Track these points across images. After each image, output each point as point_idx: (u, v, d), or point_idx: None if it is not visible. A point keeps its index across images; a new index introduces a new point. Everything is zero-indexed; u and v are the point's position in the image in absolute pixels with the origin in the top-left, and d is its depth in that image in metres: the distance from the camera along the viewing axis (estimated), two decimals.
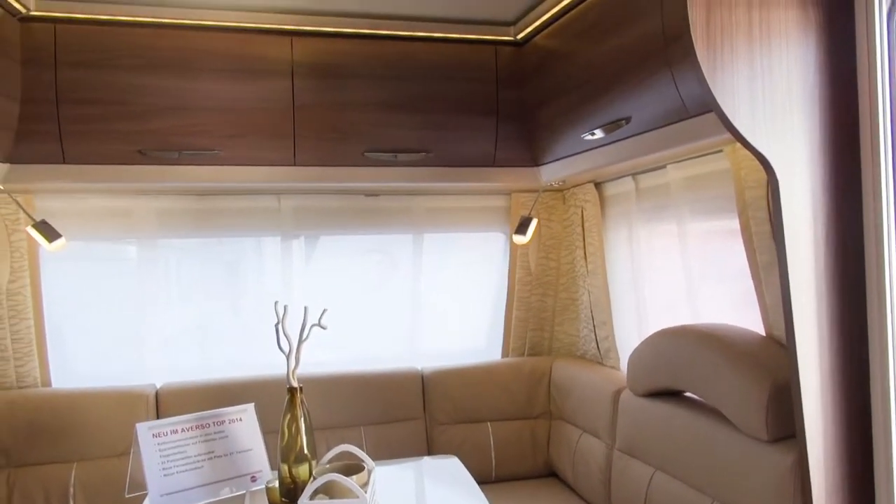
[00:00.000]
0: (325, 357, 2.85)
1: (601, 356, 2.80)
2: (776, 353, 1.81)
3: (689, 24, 1.37)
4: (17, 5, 2.08)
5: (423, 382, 2.85)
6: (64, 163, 2.21)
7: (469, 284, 3.13)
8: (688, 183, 2.24)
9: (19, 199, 2.54)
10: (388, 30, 2.45)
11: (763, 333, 1.93)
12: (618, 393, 2.41)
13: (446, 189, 2.86)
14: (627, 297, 2.67)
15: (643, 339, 2.26)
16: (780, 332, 1.86)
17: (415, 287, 3.07)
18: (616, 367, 2.71)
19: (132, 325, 2.80)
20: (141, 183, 2.29)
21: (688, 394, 2.11)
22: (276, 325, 1.99)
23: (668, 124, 1.86)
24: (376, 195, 2.92)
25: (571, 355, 3.05)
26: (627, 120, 1.98)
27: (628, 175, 2.54)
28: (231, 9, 2.31)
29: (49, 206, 2.64)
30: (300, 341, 2.01)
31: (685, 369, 1.99)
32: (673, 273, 2.40)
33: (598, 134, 2.14)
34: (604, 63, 2.06)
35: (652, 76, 1.83)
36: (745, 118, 1.42)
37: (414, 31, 2.48)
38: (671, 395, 2.14)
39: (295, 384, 2.01)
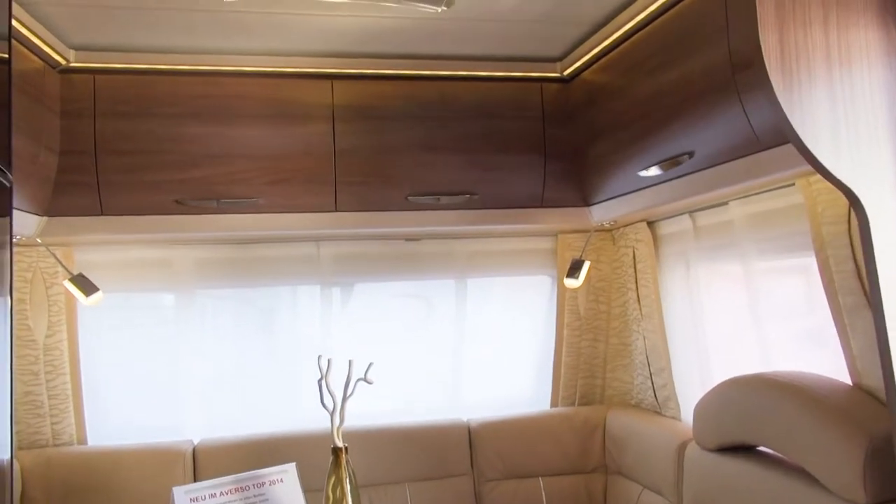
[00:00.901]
0: (365, 408, 2.72)
1: (659, 405, 2.63)
2: (869, 405, 1.64)
3: (760, 48, 1.25)
4: (56, 57, 2.06)
5: (470, 435, 2.70)
6: (102, 214, 2.16)
7: (514, 330, 3.00)
8: (754, 219, 2.09)
9: (58, 252, 2.50)
10: (429, 69, 2.39)
11: (850, 383, 1.76)
12: (683, 446, 2.24)
13: (490, 232, 2.76)
14: (686, 342, 2.51)
15: (706, 386, 2.10)
16: (871, 382, 1.69)
17: (457, 334, 2.95)
18: (677, 418, 2.54)
19: (169, 378, 2.72)
20: (179, 233, 2.23)
21: (763, 448, 1.94)
22: (320, 381, 1.88)
23: (737, 158, 1.74)
24: (417, 239, 2.83)
25: (626, 404, 2.88)
26: (690, 154, 1.86)
27: (684, 213, 2.40)
28: (270, 53, 2.27)
29: (88, 258, 2.59)
30: (345, 397, 1.90)
31: (762, 422, 1.82)
32: (737, 316, 2.24)
33: (655, 171, 2.02)
34: (661, 96, 1.96)
35: (718, 107, 1.71)
36: (827, 148, 1.28)
37: (455, 71, 2.41)
38: (744, 449, 1.97)
39: (340, 444, 1.89)
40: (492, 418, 2.73)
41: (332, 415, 1.89)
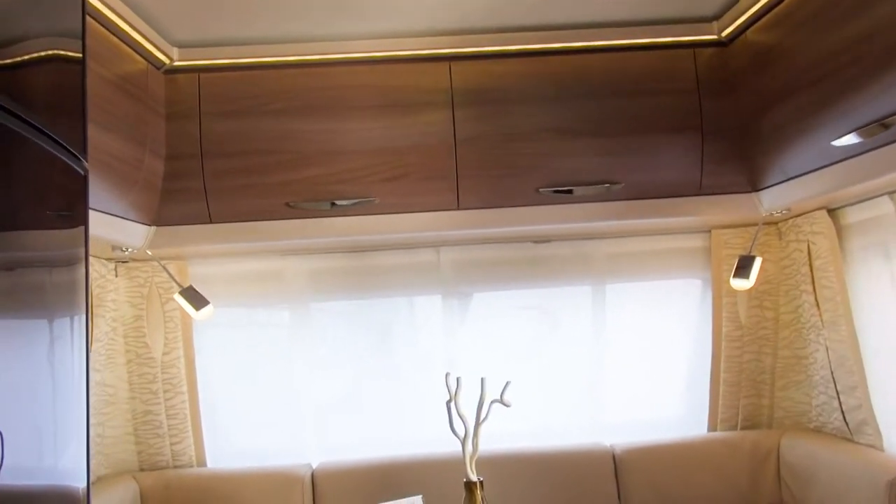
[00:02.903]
0: (493, 429, 2.46)
1: (851, 430, 2.16)
2: None
3: None
4: (161, 56, 1.94)
5: (616, 462, 2.36)
6: (210, 222, 2.02)
7: (661, 342, 2.61)
8: None
9: (171, 266, 2.41)
10: (559, 42, 2.08)
11: None
12: (893, 483, 1.80)
13: (633, 229, 2.40)
14: (888, 354, 2.04)
15: None
16: None
17: (595, 346, 2.61)
18: (877, 447, 2.07)
19: (286, 397, 2.57)
20: (291, 240, 2.04)
21: None
22: (449, 404, 1.62)
23: None
24: (547, 241, 2.52)
25: (803, 428, 2.42)
26: None
27: (883, 194, 1.95)
28: (381, 36, 2.05)
29: (202, 271, 2.49)
30: (478, 422, 1.62)
31: None
32: None
33: (851, 139, 1.61)
34: (860, 45, 1.55)
35: None
36: None
37: (590, 41, 2.09)
38: None
39: (474, 477, 1.61)
40: (640, 443, 2.39)
41: (463, 442, 1.62)
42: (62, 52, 1.01)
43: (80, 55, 1.06)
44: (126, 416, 2.46)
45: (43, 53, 0.93)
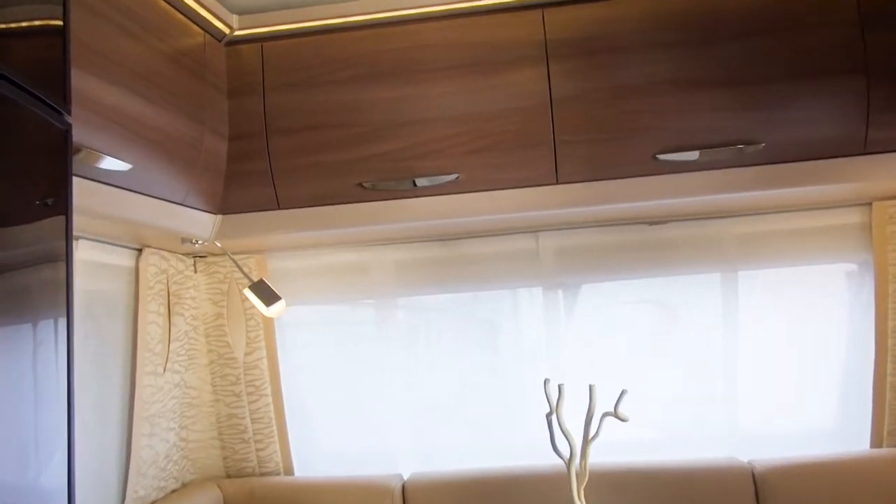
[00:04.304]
0: (604, 437, 2.14)
1: None
2: None
3: None
4: (220, 26, 1.76)
5: (756, 482, 1.97)
6: (278, 208, 1.82)
7: (807, 340, 2.18)
8: None
9: (251, 260, 2.25)
10: None
11: None
12: None
13: (773, 202, 1.98)
14: None
15: None
16: None
17: (725, 344, 2.21)
18: None
19: (375, 400, 2.37)
20: (365, 226, 1.81)
21: None
22: (549, 417, 1.32)
23: None
24: (664, 221, 2.15)
25: None
26: None
27: None
28: None
29: (281, 266, 2.32)
30: (587, 440, 1.31)
31: None
32: None
33: None
34: None
35: None
36: None
37: None
38: None
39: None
40: (786, 460, 2.00)
41: (568, 464, 1.31)
42: None
43: None
44: (210, 419, 2.33)
45: None
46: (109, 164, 1.38)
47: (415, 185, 1.76)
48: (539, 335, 2.29)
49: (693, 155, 1.68)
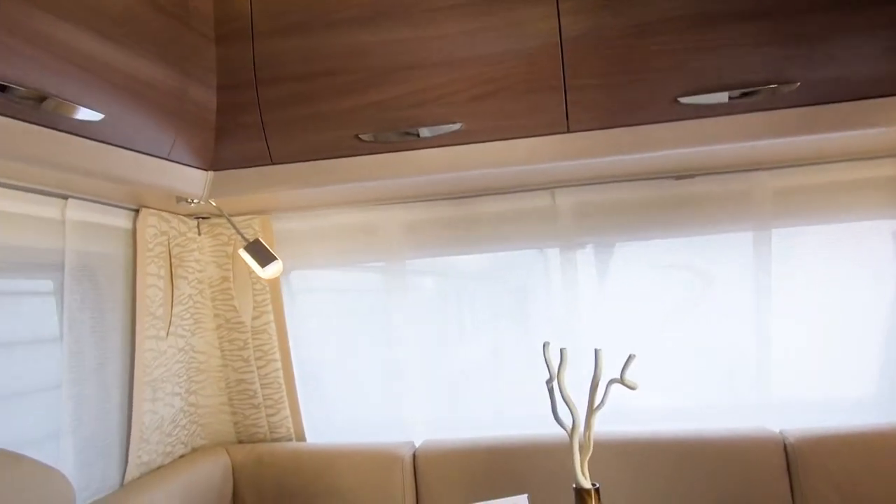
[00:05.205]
0: (620, 404, 2.03)
1: None
2: None
3: None
4: None
5: (788, 453, 1.84)
6: (271, 163, 1.71)
7: (845, 302, 2.01)
8: None
9: (255, 221, 2.17)
10: None
11: None
12: None
13: (811, 151, 1.80)
14: None
15: None
16: None
17: (758, 307, 2.06)
18: None
19: (387, 365, 2.29)
20: (363, 182, 1.69)
21: None
22: (549, 384, 1.20)
23: None
24: (691, 175, 1.99)
25: None
26: None
27: None
28: None
29: (286, 227, 2.24)
30: (591, 410, 1.19)
31: None
32: None
33: None
34: None
35: None
36: None
37: None
38: None
39: (586, 483, 1.19)
40: (820, 430, 1.86)
41: (570, 436, 1.20)
42: None
43: None
44: (220, 384, 2.29)
45: None
46: (82, 114, 1.30)
47: (416, 135, 1.63)
48: (556, 301, 2.16)
49: (720, 97, 1.51)
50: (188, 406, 2.20)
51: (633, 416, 2.10)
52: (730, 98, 1.50)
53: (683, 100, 1.52)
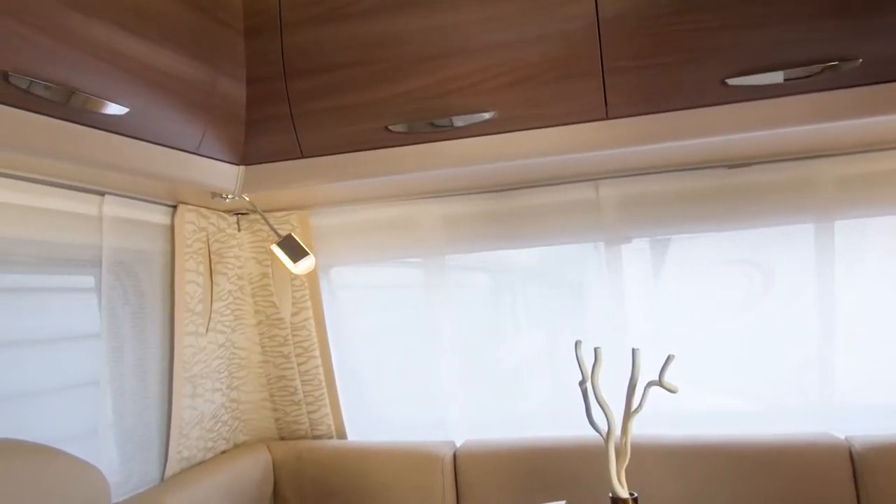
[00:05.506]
0: (667, 407, 1.92)
1: None
2: None
3: None
4: None
5: (854, 462, 1.71)
6: (302, 157, 1.68)
7: None
8: None
9: (293, 216, 2.16)
10: None
11: None
12: None
13: (877, 135, 1.66)
14: None
15: None
16: None
17: (820, 303, 1.92)
18: None
19: (426, 363, 2.24)
20: (395, 174, 1.64)
21: None
22: (583, 386, 1.12)
23: None
24: (746, 164, 1.86)
25: None
26: None
27: None
28: None
29: (323, 223, 2.22)
30: (628, 414, 1.11)
31: None
32: None
33: None
34: None
35: None
36: None
37: None
38: None
39: (623, 492, 1.11)
40: (889, 437, 1.71)
41: (606, 441, 1.12)
42: None
43: None
44: (261, 380, 2.29)
45: None
46: (110, 109, 1.29)
47: (449, 125, 1.57)
48: (600, 296, 2.07)
49: (774, 77, 1.39)
50: (230, 402, 2.21)
51: (684, 419, 1.99)
52: (785, 79, 1.38)
53: (732, 81, 1.41)
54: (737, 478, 1.75)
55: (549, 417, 2.14)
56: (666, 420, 1.94)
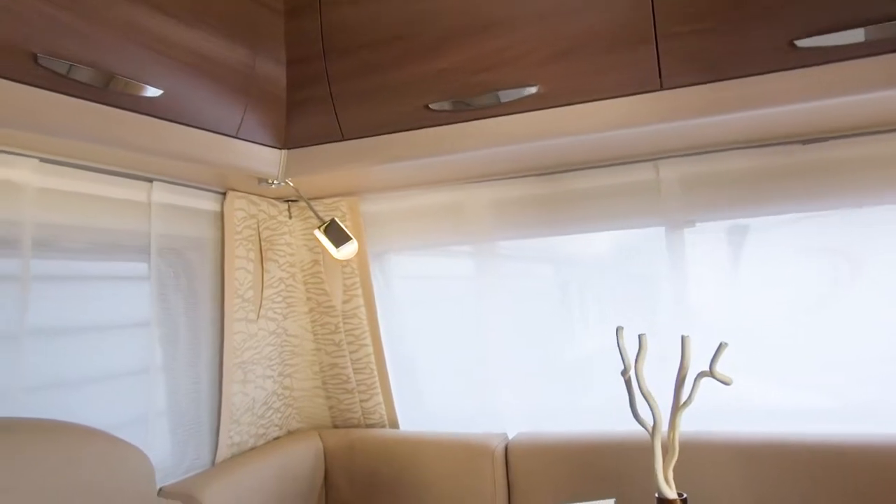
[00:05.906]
0: (744, 404, 1.78)
1: None
2: None
3: None
4: None
5: None
6: (343, 139, 1.64)
7: None
8: None
9: (343, 202, 2.13)
10: None
11: None
12: None
13: None
14: None
15: None
16: None
17: None
18: None
19: (479, 352, 2.18)
20: (436, 156, 1.58)
21: None
22: (625, 376, 1.03)
23: None
24: (823, 139, 1.70)
25: None
26: None
27: None
28: None
29: (373, 209, 2.19)
30: (677, 406, 1.01)
31: None
32: None
33: None
34: None
35: None
36: None
37: None
38: None
39: (671, 493, 1.01)
40: None
41: (652, 437, 1.02)
42: None
43: None
44: (314, 368, 2.28)
45: None
46: (148, 93, 1.29)
47: (497, 100, 1.49)
48: (662, 284, 1.95)
49: (853, 35, 1.24)
50: (282, 389, 2.21)
51: (756, 416, 1.84)
52: (863, 36, 1.23)
53: (801, 42, 1.26)
54: (809, 481, 1.60)
55: (614, 413, 2.04)
56: (733, 417, 1.80)
